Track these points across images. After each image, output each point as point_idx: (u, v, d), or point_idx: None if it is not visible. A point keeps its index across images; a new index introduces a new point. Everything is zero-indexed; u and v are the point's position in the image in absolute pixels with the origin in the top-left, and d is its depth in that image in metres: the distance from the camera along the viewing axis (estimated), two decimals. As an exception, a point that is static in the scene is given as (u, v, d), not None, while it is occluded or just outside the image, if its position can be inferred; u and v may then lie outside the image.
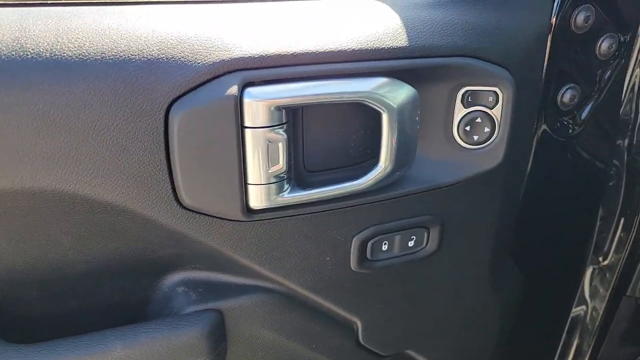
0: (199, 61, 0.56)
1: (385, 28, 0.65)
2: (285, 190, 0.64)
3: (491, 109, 0.71)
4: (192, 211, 0.62)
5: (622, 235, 1.13)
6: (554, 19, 0.74)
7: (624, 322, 1.25)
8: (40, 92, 0.52)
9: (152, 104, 0.55)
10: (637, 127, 1.02)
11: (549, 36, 0.74)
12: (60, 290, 0.67)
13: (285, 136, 0.60)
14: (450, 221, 0.77)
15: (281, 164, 0.61)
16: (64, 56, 0.53)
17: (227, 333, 0.72)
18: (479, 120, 0.71)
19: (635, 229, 1.11)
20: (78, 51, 0.53)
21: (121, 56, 0.54)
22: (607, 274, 1.19)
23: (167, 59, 0.56)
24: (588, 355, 1.10)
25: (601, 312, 1.23)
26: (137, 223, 0.62)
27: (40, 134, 0.53)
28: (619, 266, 1.16)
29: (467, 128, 0.71)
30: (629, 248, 1.13)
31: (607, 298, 1.20)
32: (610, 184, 1.10)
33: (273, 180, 0.62)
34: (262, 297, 0.72)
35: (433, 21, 0.67)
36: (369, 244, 0.73)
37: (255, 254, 0.68)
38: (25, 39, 0.53)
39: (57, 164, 0.55)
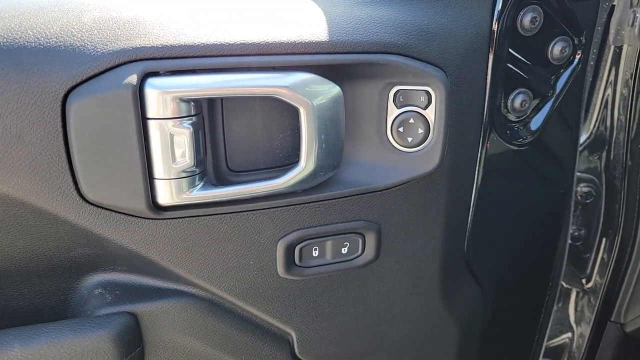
0: (99, 49, 0.55)
1: (306, 22, 0.63)
2: (197, 187, 0.61)
3: (424, 109, 0.68)
4: (97, 206, 0.60)
5: (604, 257, 1.07)
6: (497, 20, 0.71)
7: (609, 349, 1.19)
8: None
9: (48, 92, 0.54)
10: (613, 145, 0.97)
11: (494, 37, 0.71)
12: None
13: (192, 129, 0.58)
14: (389, 228, 0.74)
15: (187, 158, 0.59)
16: None
17: (145, 338, 0.68)
18: (412, 121, 0.68)
19: (616, 250, 1.05)
20: None
21: (16, 43, 0.53)
22: (592, 298, 1.13)
23: (65, 47, 0.54)
24: None
25: (587, 339, 1.17)
26: (41, 219, 0.60)
27: None
28: (602, 290, 1.10)
29: (401, 129, 0.68)
30: (611, 270, 1.07)
31: (592, 323, 1.14)
32: (588, 201, 1.05)
33: (183, 175, 0.60)
34: (183, 301, 0.69)
35: (359, 18, 0.65)
36: (297, 249, 0.69)
37: (170, 254, 0.65)
38: None
39: None
